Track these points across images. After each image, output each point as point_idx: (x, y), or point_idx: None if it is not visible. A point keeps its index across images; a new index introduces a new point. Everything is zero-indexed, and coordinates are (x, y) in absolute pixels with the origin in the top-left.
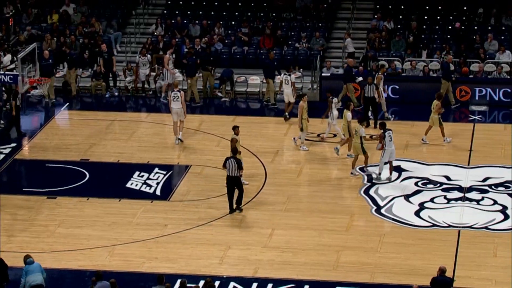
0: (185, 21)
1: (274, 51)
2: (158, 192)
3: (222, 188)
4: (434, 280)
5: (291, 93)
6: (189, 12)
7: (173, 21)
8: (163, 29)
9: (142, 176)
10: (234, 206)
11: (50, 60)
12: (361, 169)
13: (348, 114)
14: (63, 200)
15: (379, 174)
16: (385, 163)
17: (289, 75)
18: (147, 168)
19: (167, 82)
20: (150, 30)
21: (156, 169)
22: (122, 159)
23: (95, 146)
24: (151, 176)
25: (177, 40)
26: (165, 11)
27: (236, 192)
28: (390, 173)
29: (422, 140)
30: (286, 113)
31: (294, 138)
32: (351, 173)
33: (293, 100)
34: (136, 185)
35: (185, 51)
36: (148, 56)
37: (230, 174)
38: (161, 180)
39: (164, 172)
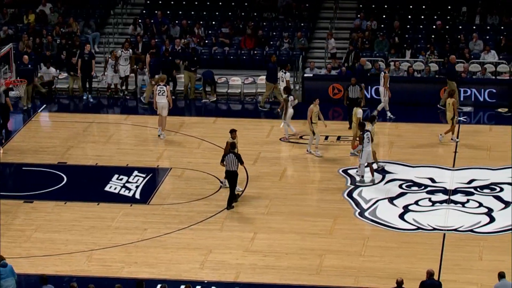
0: (166, 20)
1: (256, 51)
2: (137, 196)
3: (203, 191)
4: (422, 283)
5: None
6: (168, 12)
7: (152, 20)
8: (142, 29)
9: (121, 179)
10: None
11: (29, 66)
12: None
13: (359, 111)
14: (40, 204)
15: (362, 176)
16: (367, 166)
17: (285, 72)
18: (126, 171)
19: (148, 83)
20: (129, 31)
21: (136, 172)
22: (100, 162)
23: (72, 149)
24: (130, 179)
25: (156, 40)
26: (144, 11)
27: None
28: (372, 175)
29: (452, 139)
30: (278, 110)
31: (308, 150)
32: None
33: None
34: (115, 188)
35: (163, 51)
36: (131, 50)
37: (229, 169)
38: (140, 183)
39: (144, 175)
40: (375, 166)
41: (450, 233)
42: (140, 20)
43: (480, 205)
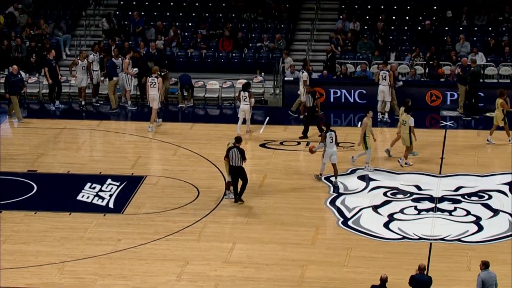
0: (142, 22)
1: (234, 54)
2: (111, 205)
3: (180, 199)
4: (412, 277)
5: (304, 91)
6: (143, 13)
7: (126, 22)
8: (115, 24)
9: (94, 188)
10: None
11: (19, 76)
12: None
13: (410, 120)
14: (8, 215)
15: (320, 174)
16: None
17: (303, 72)
18: (99, 179)
19: (130, 88)
20: (101, 25)
21: (109, 180)
22: (72, 170)
23: (43, 156)
24: (103, 188)
25: (130, 43)
26: (117, 12)
27: (240, 182)
28: (335, 177)
29: (488, 141)
30: (293, 109)
31: (366, 165)
32: (406, 163)
33: (304, 99)
34: (88, 197)
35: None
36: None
37: (233, 164)
38: (114, 192)
39: (118, 184)
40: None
41: (437, 243)
42: (113, 15)
43: (468, 213)
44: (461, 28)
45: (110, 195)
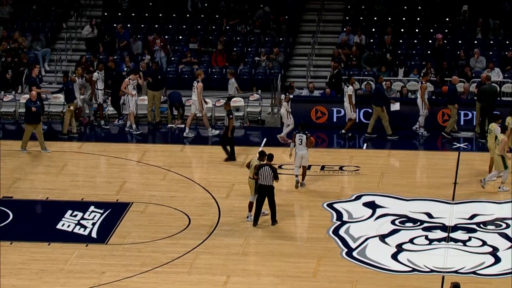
0: (127, 35)
1: (228, 69)
2: (94, 234)
3: (169, 228)
4: None
5: (350, 107)
6: (129, 25)
7: (109, 37)
8: (98, 33)
9: (75, 216)
10: (270, 222)
11: (38, 103)
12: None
13: (497, 129)
14: None
15: (296, 176)
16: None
17: (348, 86)
18: (81, 206)
19: (131, 110)
20: (83, 33)
21: (92, 208)
22: (51, 196)
23: (19, 181)
24: (85, 216)
25: (114, 57)
26: (101, 25)
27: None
28: (302, 179)
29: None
30: (343, 130)
31: (502, 186)
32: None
33: (353, 117)
34: (69, 226)
35: (124, 70)
36: (84, 78)
37: (264, 183)
38: (97, 220)
39: (101, 211)
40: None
41: (450, 276)
42: (95, 22)
43: (484, 243)
44: (475, 42)
45: (93, 224)
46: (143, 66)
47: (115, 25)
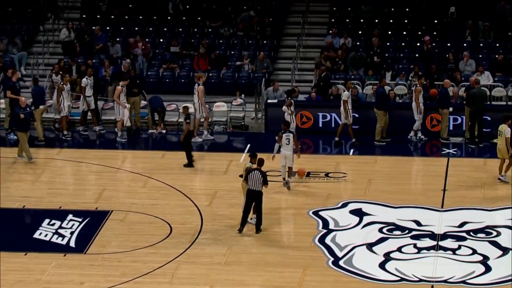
0: (104, 38)
1: (211, 74)
2: (72, 244)
3: (150, 237)
4: None
5: (344, 112)
6: (108, 28)
7: (87, 37)
8: (75, 37)
9: (52, 225)
10: (255, 230)
11: (28, 109)
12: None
13: (507, 130)
14: None
15: (284, 179)
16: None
17: (344, 90)
18: (59, 215)
19: (120, 118)
20: (60, 36)
21: (70, 216)
22: (28, 205)
23: None
24: (63, 225)
25: (93, 61)
26: (79, 26)
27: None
28: (288, 176)
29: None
30: (337, 138)
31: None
32: (499, 179)
33: (349, 122)
34: (46, 235)
35: (103, 74)
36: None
37: (252, 188)
38: (76, 229)
39: (80, 220)
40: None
41: (439, 285)
42: (72, 25)
43: (474, 252)
44: (465, 44)
45: (71, 233)
46: (125, 66)
47: (93, 27)
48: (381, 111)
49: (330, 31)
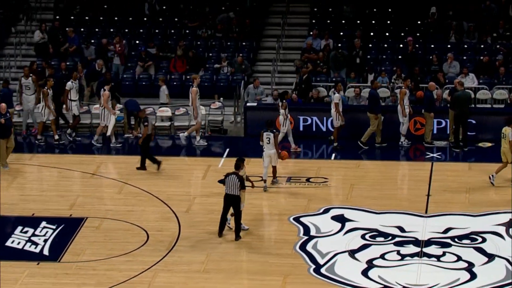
0: (76, 40)
1: (188, 77)
2: (46, 252)
3: (125, 245)
4: None
5: (336, 115)
6: (82, 29)
7: (61, 37)
8: (48, 38)
9: (25, 232)
10: (234, 236)
11: (8, 115)
12: None
13: (511, 133)
14: None
15: (265, 181)
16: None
17: (334, 93)
18: (32, 222)
19: (104, 123)
20: (34, 38)
21: (44, 223)
22: (0, 212)
23: None
24: (37, 232)
25: (67, 64)
26: (53, 27)
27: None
28: (274, 176)
29: (490, 177)
30: (331, 137)
31: None
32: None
33: (337, 125)
34: (19, 243)
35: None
36: (30, 78)
37: (229, 192)
38: (49, 237)
39: (54, 227)
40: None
41: None
42: (45, 27)
43: (459, 259)
44: (448, 46)
45: (45, 240)
46: (99, 64)
47: (67, 29)
48: (373, 114)
49: (311, 33)
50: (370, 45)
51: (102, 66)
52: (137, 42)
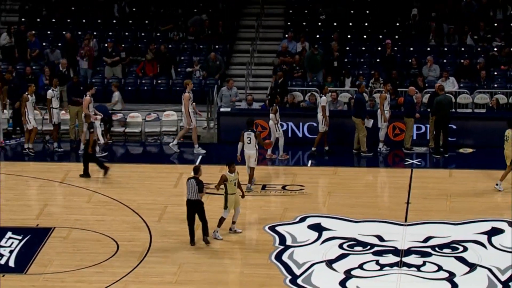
0: (37, 43)
1: (160, 81)
2: (11, 263)
3: (95, 255)
4: None
5: (322, 119)
6: (49, 32)
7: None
8: (14, 41)
9: None
10: (203, 238)
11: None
12: None
13: None
14: None
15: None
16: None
17: (321, 96)
18: None
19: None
20: (1, 42)
21: (9, 234)
22: None
23: None
24: (2, 243)
25: (33, 68)
26: (19, 30)
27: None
28: (249, 180)
29: (496, 185)
30: (313, 148)
31: None
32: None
33: (323, 129)
34: None
35: (44, 82)
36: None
37: (190, 198)
38: (15, 248)
39: (19, 237)
40: None
41: None
42: (14, 30)
43: (440, 268)
44: (428, 49)
45: (11, 252)
46: (63, 64)
47: (28, 33)
48: (359, 119)
49: (286, 35)
50: (347, 48)
51: (66, 66)
52: (106, 45)
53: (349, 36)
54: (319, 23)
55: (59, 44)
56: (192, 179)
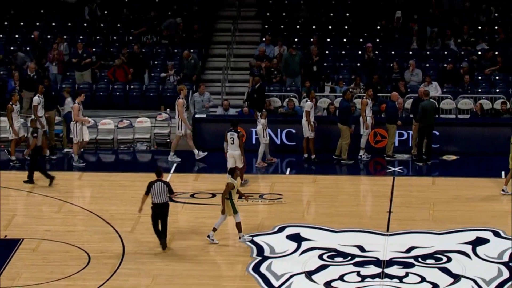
0: (11, 47)
1: (132, 86)
2: None
3: (65, 268)
4: None
5: (307, 125)
6: (17, 36)
7: None
8: None
9: None
10: (160, 241)
11: None
12: None
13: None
14: None
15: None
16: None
17: (306, 101)
18: None
19: (77, 139)
20: None
21: None
22: None
23: None
24: None
25: (1, 73)
26: None
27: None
28: (241, 178)
29: (503, 190)
30: (306, 155)
31: None
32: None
33: (311, 136)
34: None
35: (14, 86)
36: None
37: (158, 201)
38: None
39: None
40: None
41: None
42: None
43: (423, 280)
44: (410, 53)
45: None
46: (31, 68)
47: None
48: (346, 126)
49: (264, 39)
50: (327, 52)
51: (34, 70)
52: (76, 47)
53: (328, 40)
54: (298, 26)
55: (27, 48)
56: (158, 181)
